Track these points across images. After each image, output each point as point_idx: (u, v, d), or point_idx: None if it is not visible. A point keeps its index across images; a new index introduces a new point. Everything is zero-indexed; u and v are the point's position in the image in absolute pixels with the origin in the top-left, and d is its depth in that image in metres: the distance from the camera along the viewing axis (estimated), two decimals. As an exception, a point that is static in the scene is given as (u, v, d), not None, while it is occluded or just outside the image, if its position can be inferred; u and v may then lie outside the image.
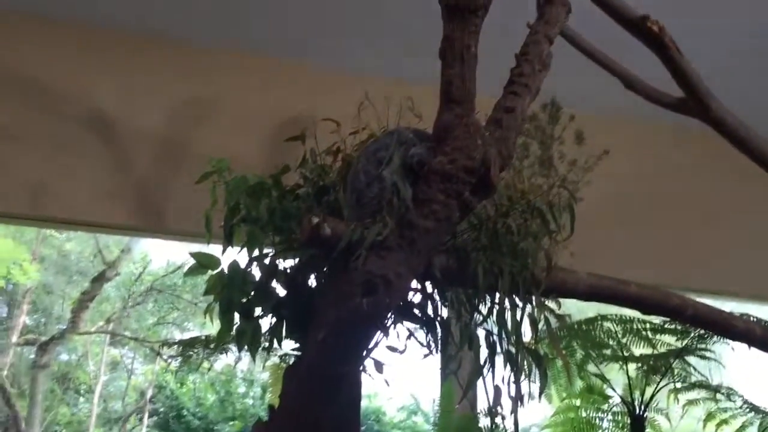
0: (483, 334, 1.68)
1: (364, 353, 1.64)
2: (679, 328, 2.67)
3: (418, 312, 1.71)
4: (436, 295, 1.70)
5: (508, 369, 1.63)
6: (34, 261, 10.42)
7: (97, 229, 3.22)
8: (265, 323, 1.74)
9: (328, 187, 1.78)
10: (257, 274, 1.73)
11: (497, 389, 1.63)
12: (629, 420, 2.77)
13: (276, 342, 1.74)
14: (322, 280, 1.72)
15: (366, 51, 3.00)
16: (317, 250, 1.63)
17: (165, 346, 3.35)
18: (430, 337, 1.71)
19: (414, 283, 1.61)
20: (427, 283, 1.68)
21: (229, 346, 2.69)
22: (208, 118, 2.88)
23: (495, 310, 1.66)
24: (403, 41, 2.90)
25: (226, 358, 2.84)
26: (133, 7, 2.76)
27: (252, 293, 1.72)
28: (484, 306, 1.69)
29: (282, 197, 1.79)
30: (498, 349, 1.66)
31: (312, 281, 1.75)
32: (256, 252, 1.74)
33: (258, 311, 1.73)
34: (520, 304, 1.64)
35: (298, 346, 1.76)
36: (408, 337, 1.72)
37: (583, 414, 2.97)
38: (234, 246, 1.77)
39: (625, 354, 2.78)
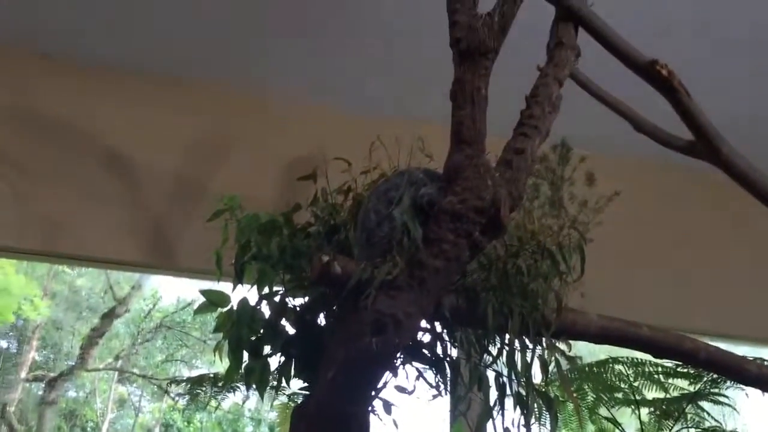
0: (493, 375, 1.67)
1: (373, 393, 1.63)
2: (692, 371, 2.64)
3: (427, 352, 1.70)
4: (446, 336, 1.69)
5: (518, 411, 1.61)
6: (45, 297, 10.44)
7: (108, 265, 3.23)
8: (274, 362, 1.73)
9: (338, 226, 1.78)
10: (267, 312, 1.73)
11: (507, 432, 1.61)
12: (642, 466, 2.73)
13: (284, 381, 1.73)
14: (331, 319, 1.72)
15: (378, 91, 3.04)
16: (327, 289, 1.63)
17: (173, 384, 3.34)
18: (440, 377, 1.70)
19: (423, 323, 1.60)
20: (436, 323, 1.67)
21: (237, 384, 2.68)
22: (221, 157, 2.91)
23: (505, 351, 1.65)
24: (415, 82, 2.93)
25: (234, 397, 2.82)
26: (149, 47, 2.81)
27: (261, 331, 1.72)
28: (493, 347, 1.68)
29: (293, 235, 1.80)
30: (508, 390, 1.64)
31: (321, 320, 1.75)
32: (266, 290, 1.74)
33: (267, 349, 1.72)
34: (531, 346, 1.63)
35: (306, 385, 1.75)
36: (417, 378, 1.71)
37: (595, 459, 2.92)
38: (244, 284, 1.78)
39: (637, 398, 2.74)
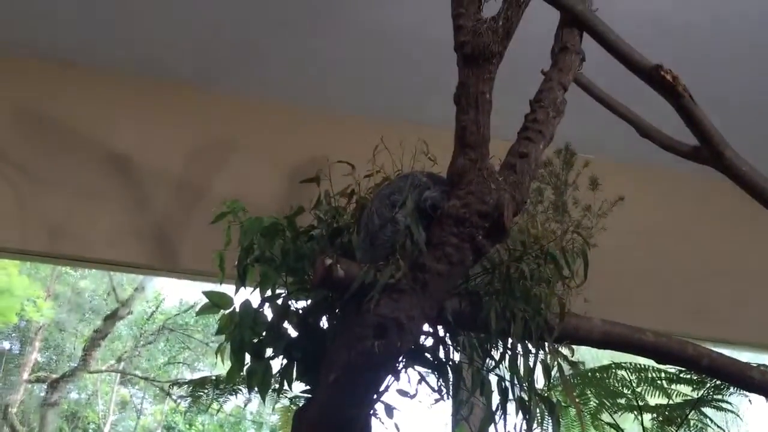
0: (495, 379, 1.66)
1: (375, 397, 1.63)
2: (695, 377, 2.63)
3: (429, 356, 1.70)
4: (448, 339, 1.69)
5: (520, 416, 1.61)
6: (48, 298, 10.45)
7: (111, 267, 3.24)
8: (276, 364, 1.73)
9: (341, 229, 1.78)
10: (269, 314, 1.73)
11: (509, 436, 1.61)
12: (645, 472, 2.72)
13: (286, 384, 1.73)
14: (334, 322, 1.71)
15: (381, 95, 3.04)
16: (330, 292, 1.63)
17: (175, 386, 3.33)
18: (442, 381, 1.69)
19: (426, 326, 1.60)
20: (439, 326, 1.67)
21: (239, 387, 2.68)
22: (224, 160, 2.92)
23: (507, 355, 1.65)
24: (419, 86, 2.94)
25: (235, 400, 2.82)
26: (152, 52, 2.82)
27: (263, 334, 1.71)
28: (496, 351, 1.68)
29: (296, 238, 1.80)
30: (510, 395, 1.64)
31: (324, 323, 1.74)
32: (268, 292, 1.74)
33: (269, 352, 1.72)
34: (533, 350, 1.63)
35: (308, 388, 1.74)
36: (419, 382, 1.70)
37: (598, 464, 2.91)
38: (247, 286, 1.78)
39: (639, 403, 2.73)
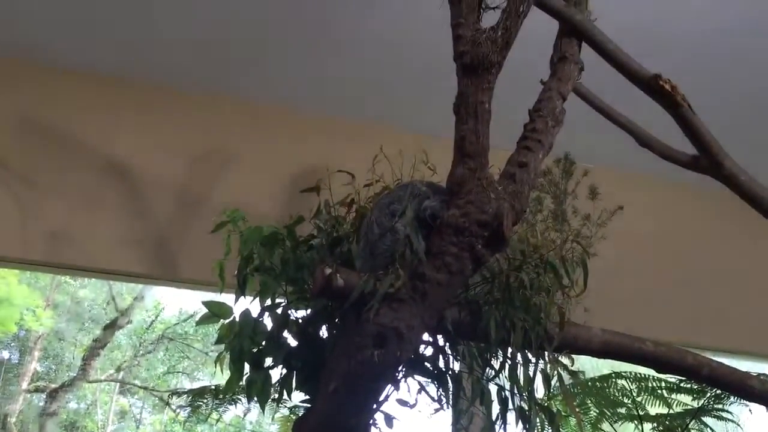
0: (495, 389, 1.66)
1: (375, 406, 1.62)
2: (696, 387, 2.62)
3: (429, 365, 1.70)
4: (448, 349, 1.69)
5: (520, 426, 1.61)
6: (48, 307, 10.44)
7: (111, 276, 3.24)
8: (276, 374, 1.73)
9: (341, 238, 1.78)
10: (269, 324, 1.73)
11: (509, 446, 1.61)
12: (645, 482, 2.71)
13: (286, 393, 1.73)
14: (333, 331, 1.71)
15: (382, 103, 3.05)
16: (329, 301, 1.63)
17: (174, 396, 3.32)
18: (442, 391, 1.69)
19: (425, 336, 1.60)
20: (438, 336, 1.67)
21: (238, 396, 2.67)
22: (224, 169, 2.92)
23: (507, 364, 1.65)
24: (418, 95, 2.94)
25: (235, 409, 2.81)
26: (152, 59, 2.83)
27: (263, 343, 1.71)
28: (496, 360, 1.68)
29: (296, 247, 1.80)
30: (510, 404, 1.64)
31: (324, 332, 1.74)
32: (268, 302, 1.74)
33: (269, 361, 1.72)
34: (533, 360, 1.63)
35: (308, 397, 1.74)
36: (419, 391, 1.70)
37: (598, 474, 2.90)
38: (247, 295, 1.78)
39: (640, 413, 2.72)
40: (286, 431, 2.92)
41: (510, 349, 1.63)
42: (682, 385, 2.65)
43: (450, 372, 1.70)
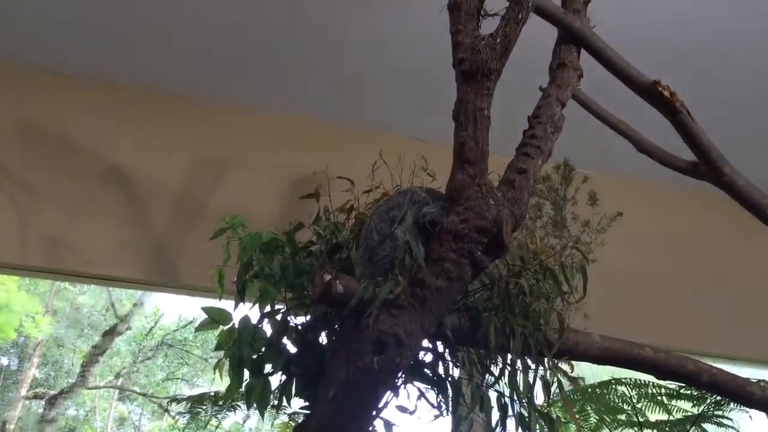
0: (494, 395, 1.66)
1: (374, 413, 1.62)
2: (696, 393, 2.62)
3: (429, 372, 1.70)
4: (448, 355, 1.69)
5: (519, 432, 1.60)
6: (47, 314, 10.42)
7: (110, 282, 3.23)
8: (275, 380, 1.72)
9: (340, 245, 1.78)
10: (268, 330, 1.73)
11: (509, 453, 1.60)
12: (645, 489, 2.70)
13: (285, 400, 1.72)
14: (333, 338, 1.71)
15: (381, 110, 3.05)
16: (329, 308, 1.63)
17: (173, 402, 3.32)
18: (441, 397, 1.69)
19: (425, 342, 1.59)
20: (438, 342, 1.67)
21: (237, 403, 2.66)
22: (224, 175, 2.92)
23: (507, 371, 1.64)
24: (418, 101, 2.95)
25: (234, 416, 2.81)
26: (152, 66, 2.84)
27: (262, 350, 1.71)
28: (495, 367, 1.67)
29: (295, 254, 1.80)
30: (510, 411, 1.63)
31: (323, 339, 1.74)
32: (267, 308, 1.74)
33: (268, 368, 1.72)
34: (533, 366, 1.62)
35: (307, 404, 1.74)
36: (418, 398, 1.69)
37: (598, 481, 2.89)
38: (246, 302, 1.77)
39: (640, 419, 2.72)
40: (286, 438, 2.91)
41: (509, 356, 1.62)
42: (682, 391, 2.65)
43: (449, 378, 1.69)
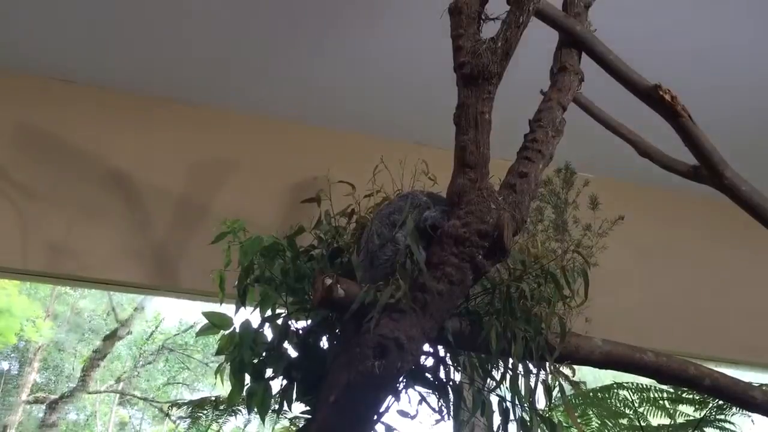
0: (496, 400, 1.65)
1: (375, 417, 1.62)
2: (698, 397, 2.61)
3: (430, 376, 1.69)
4: (449, 360, 1.69)
5: (521, 437, 1.60)
6: (48, 318, 10.42)
7: (111, 287, 3.23)
8: (276, 385, 1.72)
9: (342, 249, 1.78)
10: (269, 334, 1.73)
11: (510, 457, 1.60)
12: (647, 493, 2.69)
13: (286, 404, 1.72)
14: (334, 342, 1.71)
15: (382, 114, 3.05)
16: (330, 312, 1.62)
17: (174, 407, 3.31)
18: (442, 402, 1.69)
19: (426, 346, 1.59)
20: (439, 346, 1.66)
21: (238, 407, 2.66)
22: (224, 180, 2.92)
23: (508, 375, 1.64)
24: (419, 105, 2.95)
25: (235, 421, 2.80)
26: (152, 70, 2.83)
27: (263, 354, 1.71)
28: (497, 371, 1.67)
29: (296, 258, 1.80)
30: (511, 415, 1.63)
31: (324, 343, 1.74)
32: (268, 312, 1.73)
33: (269, 372, 1.71)
34: (534, 370, 1.62)
35: (308, 408, 1.73)
36: (420, 402, 1.69)
37: (600, 486, 2.88)
38: (247, 306, 1.77)
39: (642, 424, 2.71)
40: (287, 442, 2.91)
41: (511, 360, 1.62)
42: (684, 395, 2.64)
43: (451, 383, 1.69)
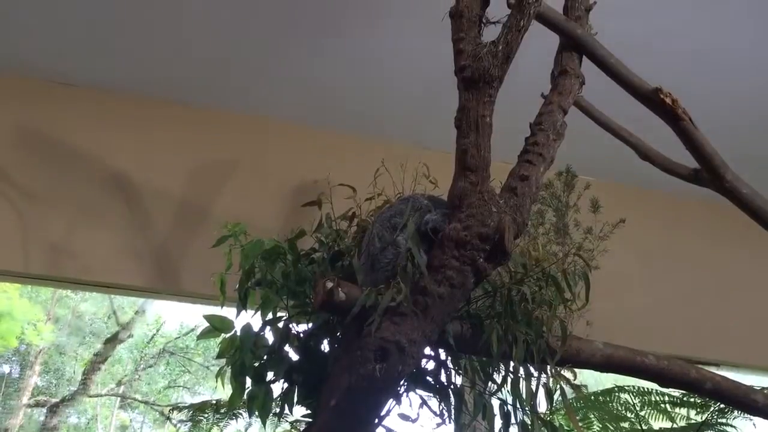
0: (497, 403, 1.65)
1: (377, 421, 1.62)
2: (699, 401, 2.61)
3: (431, 379, 1.69)
4: (450, 363, 1.68)
5: (522, 440, 1.60)
6: (49, 321, 10.42)
7: (112, 290, 3.23)
8: (277, 388, 1.72)
9: (343, 252, 1.78)
10: (270, 338, 1.73)
11: (512, 461, 1.60)
12: (649, 497, 2.69)
13: (287, 408, 1.72)
14: (335, 346, 1.71)
15: (383, 117, 3.05)
16: (331, 315, 1.62)
17: (175, 410, 3.31)
18: (443, 405, 1.69)
19: (427, 349, 1.59)
20: (440, 350, 1.66)
21: (239, 411, 2.66)
22: (226, 182, 2.92)
23: (509, 379, 1.64)
24: (420, 108, 2.95)
25: (236, 424, 2.80)
26: (152, 73, 2.83)
27: (264, 357, 1.71)
28: (498, 374, 1.67)
29: (297, 261, 1.80)
30: (513, 419, 1.63)
31: (325, 346, 1.74)
32: (269, 316, 1.73)
33: (270, 376, 1.71)
34: (535, 374, 1.62)
35: (309, 412, 1.73)
36: (421, 405, 1.69)
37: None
38: (248, 309, 1.77)
39: (643, 427, 2.71)
40: (288, 446, 2.90)
41: (512, 363, 1.62)
42: (685, 399, 2.64)
43: (452, 386, 1.69)
